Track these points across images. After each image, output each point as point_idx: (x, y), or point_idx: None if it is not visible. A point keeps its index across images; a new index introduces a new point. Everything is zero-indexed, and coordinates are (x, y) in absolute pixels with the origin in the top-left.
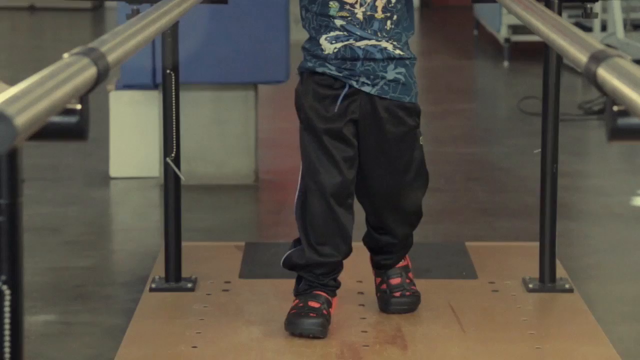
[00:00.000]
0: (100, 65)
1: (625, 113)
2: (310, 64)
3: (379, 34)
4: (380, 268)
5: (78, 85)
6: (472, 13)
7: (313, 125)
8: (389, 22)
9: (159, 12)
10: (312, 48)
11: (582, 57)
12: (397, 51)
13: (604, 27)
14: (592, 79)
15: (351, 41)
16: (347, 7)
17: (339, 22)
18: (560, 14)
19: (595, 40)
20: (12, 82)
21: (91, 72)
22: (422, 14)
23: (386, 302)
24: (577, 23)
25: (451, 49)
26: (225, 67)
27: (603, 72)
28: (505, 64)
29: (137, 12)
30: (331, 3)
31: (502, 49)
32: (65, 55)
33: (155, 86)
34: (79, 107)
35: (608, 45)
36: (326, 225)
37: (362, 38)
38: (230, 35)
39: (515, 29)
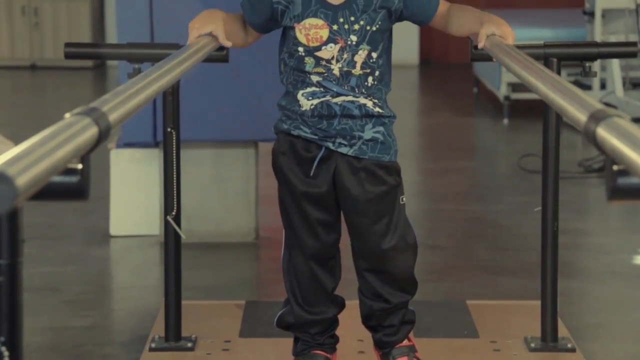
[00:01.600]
0: (102, 125)
1: (625, 173)
2: (285, 126)
3: (356, 90)
4: (384, 346)
5: (79, 145)
6: (472, 71)
7: (292, 187)
8: (370, 78)
9: (160, 71)
10: (288, 105)
11: (582, 117)
12: (377, 109)
13: (603, 85)
14: (591, 139)
15: (328, 97)
16: (323, 62)
17: (315, 78)
18: (559, 73)
19: (594, 99)
20: (13, 141)
21: (92, 132)
22: (422, 71)
23: None
24: (576, 81)
25: (451, 107)
26: (226, 125)
27: (602, 132)
28: (505, 121)
29: (139, 70)
30: (307, 59)
31: (502, 107)
32: (67, 115)
33: (156, 144)
34: (80, 166)
35: (607, 104)
36: (311, 284)
37: (338, 94)
38: (230, 93)
39: (514, 87)
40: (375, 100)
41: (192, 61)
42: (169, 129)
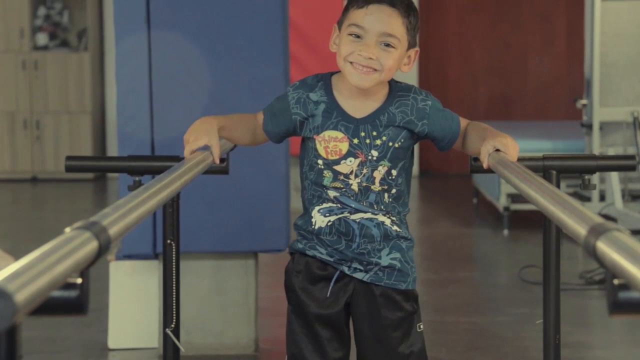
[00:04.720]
0: (102, 239)
1: (625, 287)
2: (300, 245)
3: (375, 206)
4: None
5: (79, 259)
6: (471, 181)
7: (304, 309)
8: (386, 195)
9: (160, 184)
10: (304, 225)
11: (581, 230)
12: (395, 227)
13: (602, 197)
14: (591, 252)
15: (345, 214)
16: (341, 177)
17: (332, 194)
18: (558, 185)
19: (593, 212)
20: (13, 254)
21: (92, 246)
22: (422, 181)
23: None
24: (576, 193)
25: (451, 217)
26: (226, 236)
27: (602, 246)
28: (505, 232)
29: (139, 183)
30: (325, 172)
31: (502, 217)
32: (67, 229)
33: (155, 256)
34: (79, 281)
35: (607, 216)
36: None
37: (357, 211)
38: (230, 204)
39: (514, 198)
40: (393, 219)
41: (193, 174)
42: (168, 241)
